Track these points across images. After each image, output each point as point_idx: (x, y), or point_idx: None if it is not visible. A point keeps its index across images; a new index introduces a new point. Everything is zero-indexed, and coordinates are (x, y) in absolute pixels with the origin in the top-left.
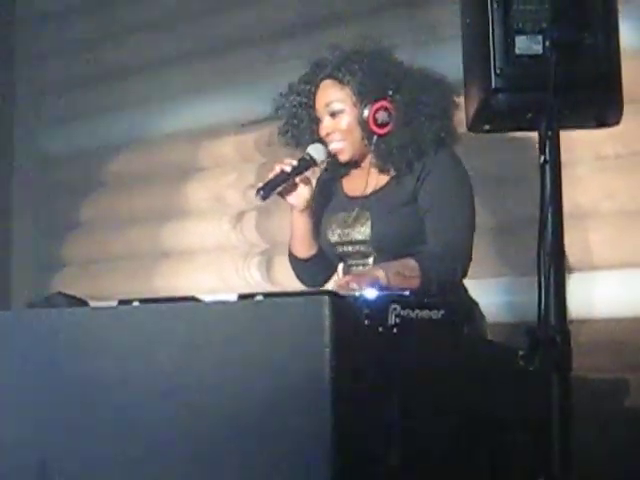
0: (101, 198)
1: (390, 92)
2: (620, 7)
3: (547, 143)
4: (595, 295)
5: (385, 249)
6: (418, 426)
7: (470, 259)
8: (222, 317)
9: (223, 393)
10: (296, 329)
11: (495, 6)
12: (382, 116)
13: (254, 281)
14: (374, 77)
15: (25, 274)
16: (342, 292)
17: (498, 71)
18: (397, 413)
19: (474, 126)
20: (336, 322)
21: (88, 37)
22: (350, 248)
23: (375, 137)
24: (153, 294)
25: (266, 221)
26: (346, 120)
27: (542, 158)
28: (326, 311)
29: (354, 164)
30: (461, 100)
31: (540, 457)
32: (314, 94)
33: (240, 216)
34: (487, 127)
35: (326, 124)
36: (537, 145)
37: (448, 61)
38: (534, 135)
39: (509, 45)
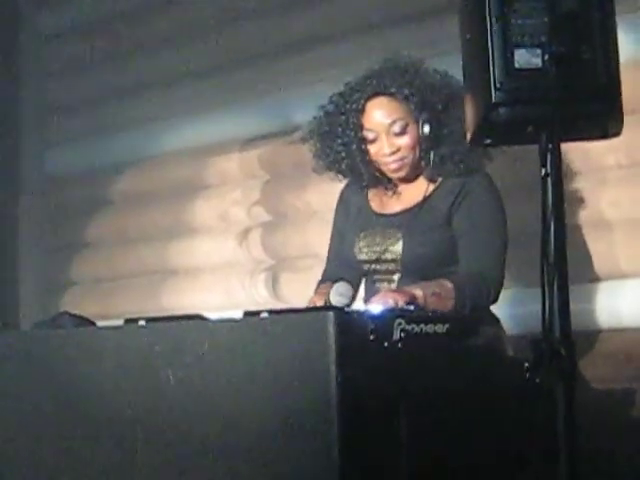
0: (108, 217)
1: (440, 106)
2: (618, 18)
3: (548, 156)
4: (622, 304)
5: (414, 269)
6: (425, 439)
7: (502, 284)
8: (228, 335)
9: (229, 410)
10: (302, 345)
11: (494, 20)
12: (436, 131)
13: (261, 298)
14: (431, 92)
15: (33, 294)
16: (375, 306)
17: (498, 85)
18: (404, 426)
19: (475, 140)
20: (341, 338)
21: (92, 57)
22: (378, 266)
23: (432, 152)
24: (161, 312)
25: (272, 237)
26: (411, 137)
27: (543, 171)
28: (331, 327)
29: (386, 180)
30: None
31: (548, 469)
32: (361, 112)
33: (245, 233)
34: (488, 141)
35: (390, 142)
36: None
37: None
38: (537, 147)
39: (508, 59)
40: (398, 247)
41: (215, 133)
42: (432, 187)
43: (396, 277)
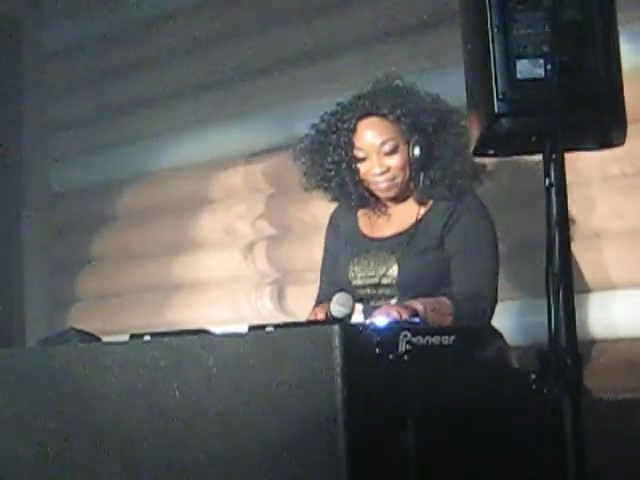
0: (112, 233)
1: (430, 129)
2: (620, 27)
3: (552, 166)
4: (616, 315)
5: (410, 292)
6: (432, 452)
7: (496, 302)
8: (233, 349)
9: (234, 424)
10: (307, 359)
11: (495, 30)
12: (426, 154)
13: (267, 311)
14: (422, 114)
15: (39, 310)
16: (380, 319)
17: (500, 96)
18: (410, 439)
19: (478, 151)
20: (347, 351)
21: (95, 73)
22: (374, 291)
23: (422, 174)
24: (167, 327)
25: (277, 251)
26: (401, 158)
27: (547, 181)
28: (336, 341)
29: (375, 204)
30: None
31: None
32: (352, 131)
33: (250, 246)
34: (491, 152)
35: (380, 162)
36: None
37: (451, 87)
38: (540, 157)
39: (510, 69)
40: (393, 271)
41: (219, 147)
42: (423, 210)
43: (393, 302)
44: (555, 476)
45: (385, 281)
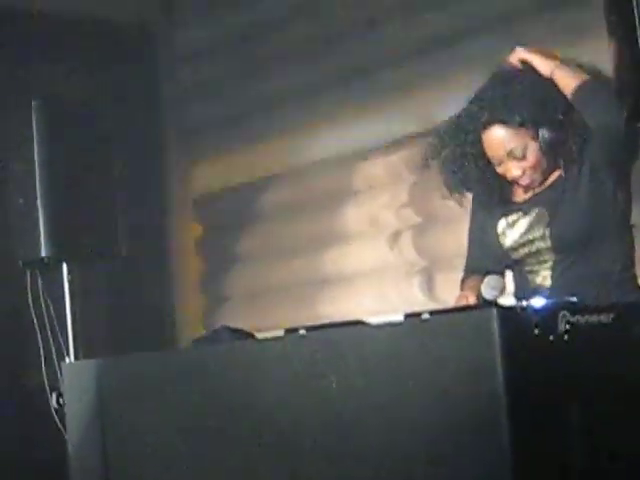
0: (259, 229)
1: (560, 116)
2: None
3: None
4: None
5: (567, 247)
6: (598, 435)
7: None
8: (389, 338)
9: (394, 413)
10: (465, 345)
11: None
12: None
13: (416, 300)
14: (546, 105)
15: (190, 310)
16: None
17: None
18: (576, 422)
19: (631, 120)
20: (506, 334)
21: (233, 71)
22: (527, 250)
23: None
24: (317, 321)
25: (423, 239)
26: (533, 156)
27: None
28: (495, 324)
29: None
30: None
31: None
32: (479, 142)
33: (396, 236)
34: None
35: (515, 166)
36: None
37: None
38: None
39: None
40: (544, 228)
41: (359, 138)
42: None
43: (549, 263)
44: None
45: (538, 236)
